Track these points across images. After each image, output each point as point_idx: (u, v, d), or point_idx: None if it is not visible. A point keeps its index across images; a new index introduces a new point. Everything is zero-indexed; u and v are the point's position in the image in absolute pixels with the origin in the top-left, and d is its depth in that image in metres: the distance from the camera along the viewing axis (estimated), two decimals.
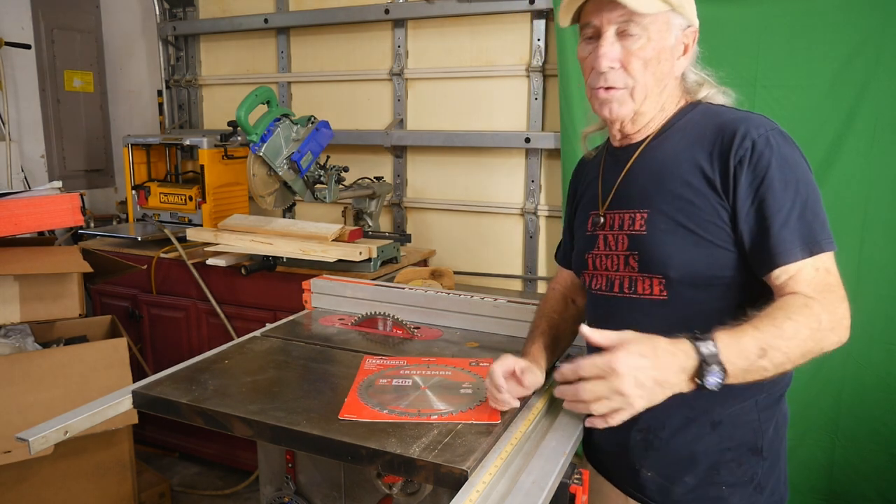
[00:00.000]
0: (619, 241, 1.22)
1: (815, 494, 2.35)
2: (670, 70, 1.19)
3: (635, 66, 1.16)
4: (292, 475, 1.50)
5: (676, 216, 1.14)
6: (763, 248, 1.08)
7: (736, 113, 1.18)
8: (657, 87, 1.18)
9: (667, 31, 1.16)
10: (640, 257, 1.18)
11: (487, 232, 3.04)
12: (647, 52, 1.15)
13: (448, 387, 1.38)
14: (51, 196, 2.32)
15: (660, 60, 1.17)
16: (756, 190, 1.08)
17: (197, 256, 2.74)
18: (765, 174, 1.08)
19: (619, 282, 1.22)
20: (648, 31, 1.14)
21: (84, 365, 2.21)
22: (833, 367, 2.27)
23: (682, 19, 1.18)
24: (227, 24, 3.43)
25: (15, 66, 3.45)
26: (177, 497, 2.82)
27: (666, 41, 1.17)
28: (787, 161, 1.09)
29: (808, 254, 1.05)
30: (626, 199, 1.23)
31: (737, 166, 1.09)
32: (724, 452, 1.17)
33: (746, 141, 1.09)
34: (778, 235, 1.06)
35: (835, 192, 2.20)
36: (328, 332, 1.78)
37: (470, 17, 2.90)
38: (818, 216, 1.08)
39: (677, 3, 1.16)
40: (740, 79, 2.28)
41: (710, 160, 1.13)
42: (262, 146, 2.48)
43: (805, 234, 1.06)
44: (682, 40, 1.20)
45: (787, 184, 1.07)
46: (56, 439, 1.20)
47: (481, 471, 1.09)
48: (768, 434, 1.19)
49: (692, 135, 1.18)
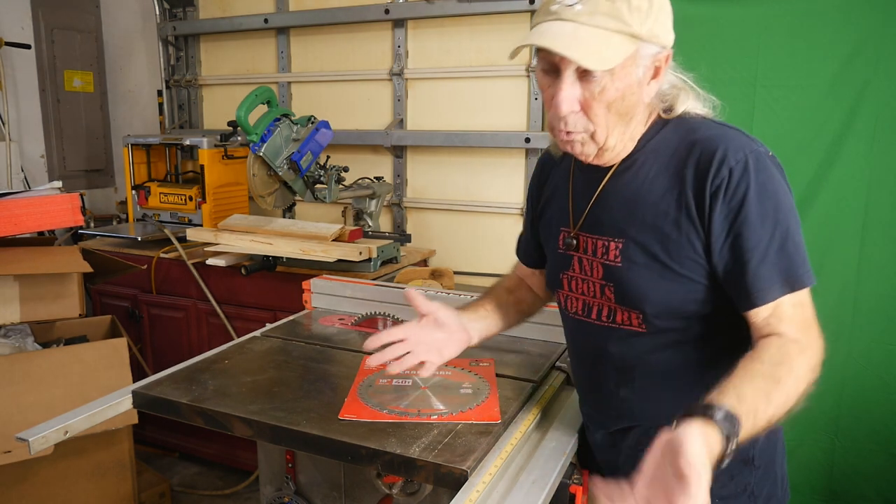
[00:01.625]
0: (594, 267, 1.16)
1: (815, 495, 2.35)
2: (638, 101, 1.07)
3: (596, 110, 1.04)
4: (292, 475, 1.50)
5: (651, 247, 1.07)
6: (740, 286, 1.02)
7: (711, 129, 1.07)
8: (621, 123, 1.07)
9: (633, 66, 1.03)
10: (615, 290, 1.12)
11: (487, 232, 3.04)
12: (609, 95, 1.02)
13: (448, 387, 1.38)
14: (51, 196, 2.31)
15: (624, 98, 1.04)
16: (731, 224, 1.01)
17: (197, 256, 2.74)
18: (740, 206, 1.00)
19: (597, 309, 1.17)
20: (612, 70, 1.00)
21: (84, 365, 2.21)
22: (833, 367, 2.27)
23: (652, 47, 1.03)
24: (227, 24, 3.43)
25: (15, 66, 3.45)
26: (177, 497, 2.82)
27: (632, 77, 1.03)
28: (766, 189, 1.01)
29: (788, 289, 1.00)
30: (599, 225, 1.15)
31: (712, 196, 1.02)
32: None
33: (724, 168, 1.01)
34: (755, 273, 1.00)
35: (835, 192, 2.20)
36: (328, 332, 1.78)
37: (470, 17, 2.90)
38: (798, 248, 1.02)
39: (647, 33, 1.01)
40: (740, 79, 2.28)
41: (685, 185, 1.04)
42: (262, 146, 2.48)
43: (785, 269, 1.00)
44: (654, 65, 1.06)
45: (765, 216, 1.00)
46: (56, 439, 1.20)
47: (481, 471, 1.09)
48: (759, 443, 1.15)
49: (666, 156, 1.08)
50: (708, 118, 1.12)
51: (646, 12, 1.00)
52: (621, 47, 0.99)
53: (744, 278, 1.02)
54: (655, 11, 1.02)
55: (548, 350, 1.63)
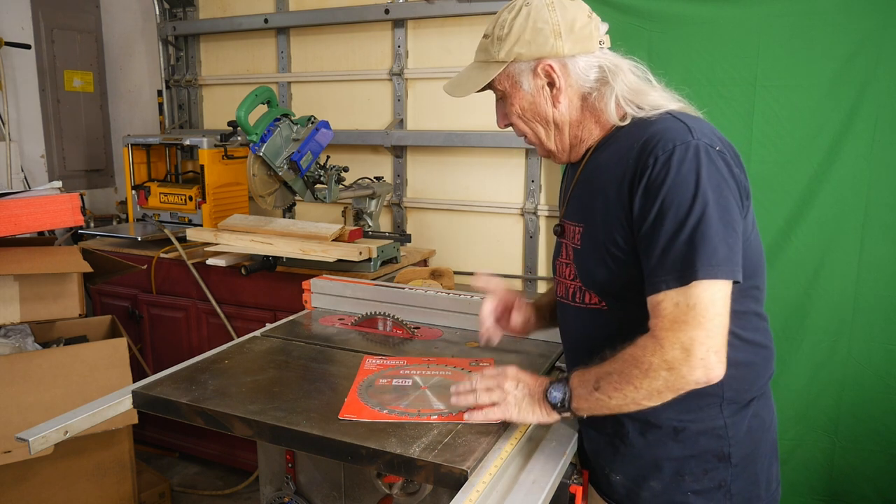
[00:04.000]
0: (569, 251, 1.26)
1: (815, 495, 2.35)
2: (552, 109, 1.21)
3: (513, 119, 1.26)
4: (292, 475, 1.50)
5: (600, 234, 1.15)
6: (645, 273, 1.07)
7: (662, 124, 1.12)
8: (548, 128, 1.23)
9: (514, 87, 1.22)
10: (577, 271, 1.22)
11: (487, 232, 3.04)
12: (515, 108, 1.23)
13: (448, 387, 1.38)
14: (51, 196, 2.31)
15: (535, 109, 1.22)
16: (646, 212, 1.06)
17: (197, 256, 2.74)
18: (656, 195, 1.05)
19: (572, 291, 1.26)
20: (504, 90, 1.23)
21: (84, 365, 2.21)
22: (833, 367, 2.27)
23: (521, 64, 1.19)
24: (227, 24, 3.43)
25: (15, 66, 3.46)
26: (177, 497, 2.82)
27: (522, 90, 1.21)
28: (686, 181, 1.03)
29: (676, 283, 1.01)
30: (572, 211, 1.26)
31: (638, 184, 1.08)
32: (687, 460, 1.16)
33: (650, 158, 1.06)
34: (653, 263, 1.04)
35: (835, 192, 2.20)
36: (328, 332, 1.78)
37: (470, 17, 2.90)
38: (707, 241, 1.01)
39: (506, 55, 1.19)
40: (740, 79, 2.28)
41: (625, 174, 1.11)
42: (262, 146, 2.48)
43: (681, 262, 1.01)
44: (543, 80, 1.19)
45: (677, 207, 1.03)
46: (56, 439, 1.20)
47: (481, 471, 1.09)
48: (737, 439, 1.16)
49: (623, 149, 1.14)
50: (674, 112, 1.16)
51: (505, 38, 1.19)
52: (483, 74, 1.22)
53: (647, 266, 1.07)
54: (516, 34, 1.18)
55: (548, 350, 1.63)
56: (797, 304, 2.29)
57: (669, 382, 1.02)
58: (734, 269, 1.03)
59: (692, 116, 1.15)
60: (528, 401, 1.18)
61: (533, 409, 1.17)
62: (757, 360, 1.19)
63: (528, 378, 1.21)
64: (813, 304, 2.28)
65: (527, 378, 1.21)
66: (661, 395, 1.04)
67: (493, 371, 1.23)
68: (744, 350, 1.15)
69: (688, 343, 1.00)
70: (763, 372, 1.21)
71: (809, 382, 2.28)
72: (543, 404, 1.16)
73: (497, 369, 1.24)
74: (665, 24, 2.34)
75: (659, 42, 2.35)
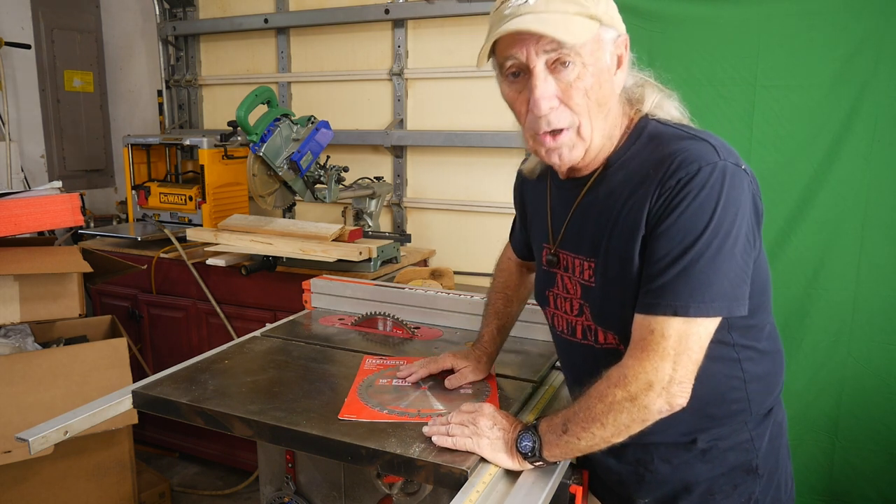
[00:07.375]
0: (574, 286, 1.17)
1: (815, 495, 2.35)
2: (612, 91, 1.06)
3: (577, 99, 1.02)
4: (292, 475, 1.50)
5: (622, 267, 1.06)
6: (640, 290, 1.02)
7: (681, 141, 1.04)
8: (601, 114, 1.05)
9: (600, 51, 1.02)
10: (591, 310, 1.13)
11: (487, 232, 3.03)
12: (586, 81, 1.01)
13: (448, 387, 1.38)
14: (51, 196, 2.31)
15: (601, 85, 1.03)
16: (655, 228, 1.00)
17: (197, 256, 2.74)
18: (669, 215, 0.99)
19: (579, 328, 1.18)
20: (582, 55, 1.00)
21: (84, 365, 2.21)
22: (833, 367, 2.27)
23: (612, 31, 1.04)
24: (227, 24, 3.43)
25: (15, 66, 3.45)
26: (177, 497, 2.82)
27: (602, 61, 1.03)
28: (701, 208, 0.97)
29: (660, 311, 0.98)
30: (575, 242, 1.16)
31: (656, 204, 1.01)
32: (717, 479, 1.14)
33: (672, 179, 0.99)
34: (647, 282, 1.00)
35: (835, 192, 2.20)
36: (328, 332, 1.78)
37: (470, 17, 2.90)
38: (706, 275, 0.97)
39: (605, 15, 1.02)
40: (740, 79, 2.28)
41: (647, 203, 1.02)
42: (262, 146, 2.48)
43: (669, 290, 0.98)
44: (616, 53, 1.06)
45: (685, 234, 0.97)
46: (56, 439, 1.20)
47: (481, 471, 1.09)
48: (762, 450, 1.15)
49: (638, 173, 1.05)
50: (681, 125, 1.10)
51: None
52: (584, 26, 0.99)
53: (642, 282, 1.02)
54: None
55: (548, 350, 1.63)
56: (797, 304, 2.29)
57: (634, 414, 0.99)
58: (728, 305, 0.99)
59: (712, 134, 1.07)
60: (501, 444, 1.12)
61: (506, 453, 1.11)
62: (775, 368, 1.19)
63: (503, 420, 1.15)
64: (813, 304, 2.28)
65: (502, 420, 1.15)
66: (629, 429, 1.01)
67: (470, 406, 1.19)
68: (763, 362, 1.14)
69: (651, 373, 0.98)
70: (780, 377, 1.21)
71: (809, 382, 2.28)
72: (515, 453, 1.11)
73: (474, 405, 1.19)
74: (665, 24, 2.34)
75: (659, 42, 2.35)
